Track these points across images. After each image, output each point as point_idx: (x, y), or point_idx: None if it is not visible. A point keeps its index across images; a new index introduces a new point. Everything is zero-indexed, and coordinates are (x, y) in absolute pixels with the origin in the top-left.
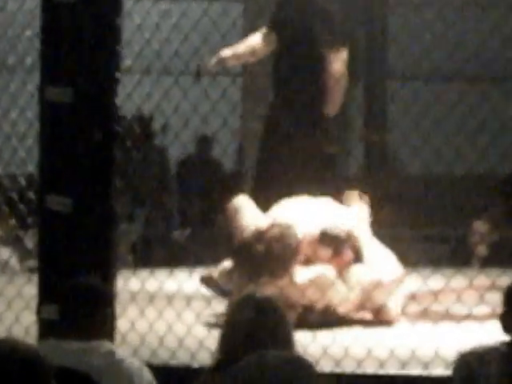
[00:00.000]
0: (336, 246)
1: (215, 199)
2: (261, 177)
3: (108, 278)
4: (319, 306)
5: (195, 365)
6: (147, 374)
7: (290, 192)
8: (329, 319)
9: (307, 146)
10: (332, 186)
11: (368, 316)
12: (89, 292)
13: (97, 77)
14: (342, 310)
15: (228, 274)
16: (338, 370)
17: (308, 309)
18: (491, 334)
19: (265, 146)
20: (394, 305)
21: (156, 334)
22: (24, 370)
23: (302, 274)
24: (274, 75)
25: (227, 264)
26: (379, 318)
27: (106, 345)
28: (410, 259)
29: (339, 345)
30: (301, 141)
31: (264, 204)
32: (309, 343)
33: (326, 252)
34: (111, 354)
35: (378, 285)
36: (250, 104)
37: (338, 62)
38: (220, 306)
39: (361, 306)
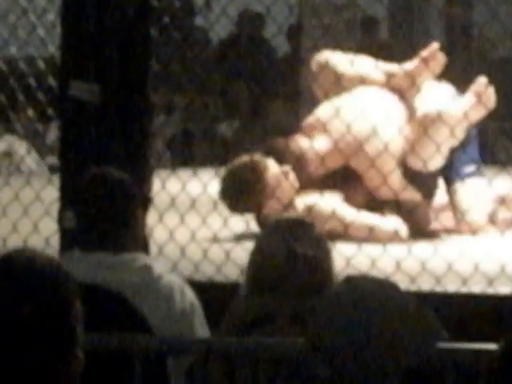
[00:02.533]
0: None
1: (267, 86)
2: None
3: (143, 179)
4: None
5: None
6: (189, 292)
7: None
8: None
9: None
10: None
11: (448, 225)
12: (115, 188)
13: None
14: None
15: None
16: (413, 288)
17: None
18: None
19: None
20: (479, 211)
21: (199, 246)
22: (43, 287)
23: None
24: None
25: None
26: (461, 228)
27: (140, 258)
28: (498, 157)
29: (414, 258)
30: None
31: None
32: (377, 256)
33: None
34: (147, 268)
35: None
36: None
37: None
38: None
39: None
